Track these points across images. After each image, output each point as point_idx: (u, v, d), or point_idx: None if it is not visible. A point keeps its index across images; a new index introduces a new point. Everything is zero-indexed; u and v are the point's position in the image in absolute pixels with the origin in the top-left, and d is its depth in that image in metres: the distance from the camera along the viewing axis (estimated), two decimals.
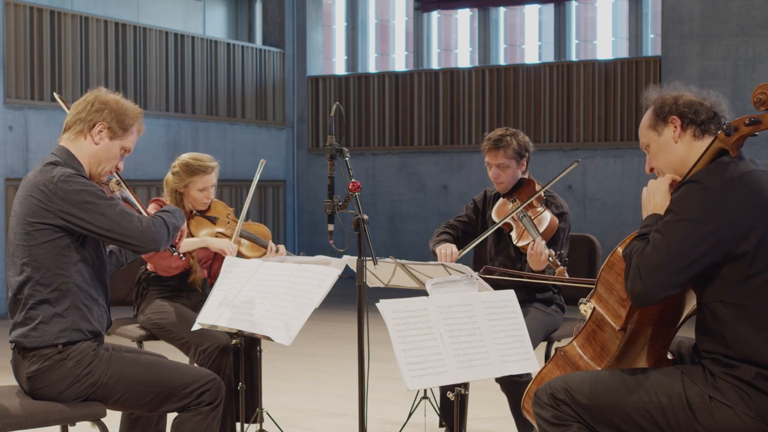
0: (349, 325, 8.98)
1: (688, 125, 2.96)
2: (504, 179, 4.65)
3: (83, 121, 3.41)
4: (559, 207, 4.63)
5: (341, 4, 14.42)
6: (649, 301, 2.80)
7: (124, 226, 3.26)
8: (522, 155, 4.65)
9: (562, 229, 4.57)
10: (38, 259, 3.27)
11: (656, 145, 3.02)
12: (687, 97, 3.01)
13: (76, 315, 3.29)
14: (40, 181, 3.29)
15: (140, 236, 3.29)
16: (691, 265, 2.75)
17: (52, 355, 3.26)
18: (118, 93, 3.55)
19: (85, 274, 3.32)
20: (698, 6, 11.25)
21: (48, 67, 10.34)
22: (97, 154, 3.43)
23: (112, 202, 3.29)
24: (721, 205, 2.74)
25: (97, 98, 3.45)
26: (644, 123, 3.07)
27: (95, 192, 3.27)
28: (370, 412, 3.66)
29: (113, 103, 3.45)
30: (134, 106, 3.53)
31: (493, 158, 4.64)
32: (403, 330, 3.24)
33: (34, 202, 3.28)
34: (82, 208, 3.23)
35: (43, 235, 3.26)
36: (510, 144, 4.61)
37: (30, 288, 3.28)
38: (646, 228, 2.91)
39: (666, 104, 3.01)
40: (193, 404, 3.40)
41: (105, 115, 3.42)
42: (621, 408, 2.83)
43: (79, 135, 3.42)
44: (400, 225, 13.18)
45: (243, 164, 12.62)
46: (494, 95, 12.57)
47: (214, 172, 4.70)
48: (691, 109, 2.96)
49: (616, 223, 11.66)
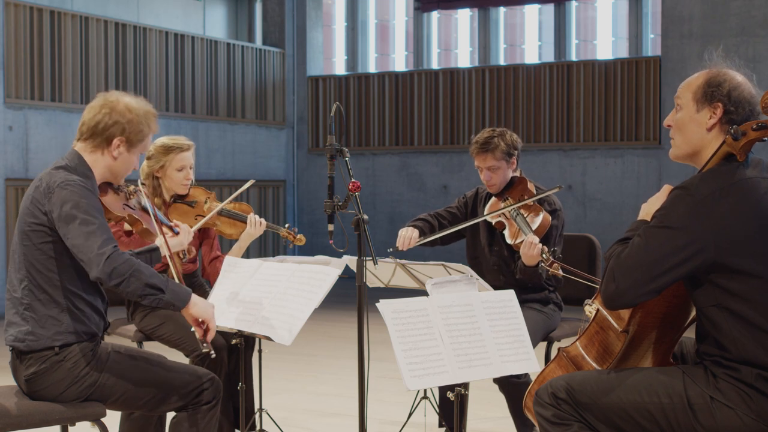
0: (349, 325, 8.98)
1: (726, 122, 2.82)
2: (495, 181, 4.63)
3: (99, 136, 3.37)
4: (551, 204, 4.61)
5: (341, 4, 14.41)
6: (620, 303, 2.79)
7: (84, 244, 3.14)
8: (511, 155, 4.60)
9: (555, 226, 4.55)
10: (32, 261, 3.27)
11: (687, 116, 2.88)
12: (744, 92, 2.83)
13: (70, 318, 3.28)
14: (44, 183, 3.29)
15: (96, 260, 3.10)
16: (668, 273, 2.72)
17: (49, 357, 3.26)
18: (132, 94, 3.50)
19: (78, 279, 3.30)
20: (698, 6, 11.25)
21: (48, 67, 10.34)
22: (115, 168, 3.43)
23: (90, 220, 3.17)
24: (706, 214, 2.70)
25: (113, 110, 3.38)
26: (691, 83, 2.88)
27: (82, 205, 3.20)
28: (370, 412, 3.66)
29: (129, 113, 3.39)
30: (148, 110, 3.47)
31: (483, 161, 4.60)
32: (403, 330, 3.24)
33: (34, 202, 3.28)
34: (63, 218, 3.19)
35: (38, 236, 3.26)
36: (498, 146, 4.56)
37: (25, 288, 3.28)
38: (630, 233, 2.90)
39: (722, 87, 2.82)
40: (192, 404, 3.40)
41: (122, 128, 3.38)
42: (622, 408, 2.83)
43: (96, 149, 3.39)
44: (400, 225, 13.10)
45: (243, 164, 12.61)
46: (494, 95, 12.57)
47: (190, 151, 4.60)
48: (739, 108, 2.81)
49: (616, 223, 11.65)
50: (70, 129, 10.53)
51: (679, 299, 2.91)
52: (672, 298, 2.90)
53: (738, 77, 2.86)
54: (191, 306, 3.28)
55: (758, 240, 2.72)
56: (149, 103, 3.53)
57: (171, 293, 3.21)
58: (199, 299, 3.31)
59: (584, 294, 4.61)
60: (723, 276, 2.73)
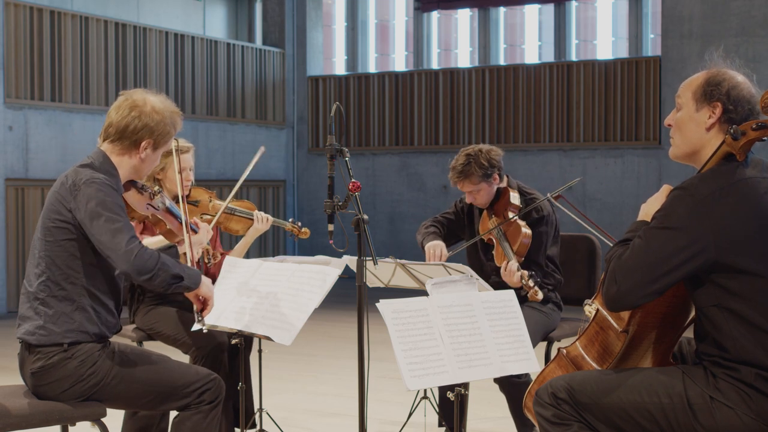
0: (349, 325, 8.98)
1: (726, 121, 2.81)
2: (480, 201, 4.67)
3: (128, 139, 3.42)
4: (539, 211, 4.61)
5: (341, 4, 14.41)
6: (622, 305, 2.79)
7: (111, 240, 3.20)
8: (489, 174, 4.57)
9: (545, 232, 4.57)
10: (53, 257, 3.30)
11: (687, 116, 2.88)
12: (743, 92, 2.82)
13: (83, 317, 3.31)
14: (69, 180, 3.33)
15: (122, 256, 3.18)
16: (669, 274, 2.72)
17: (57, 353, 3.28)
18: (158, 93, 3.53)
19: (97, 278, 3.34)
20: (698, 6, 11.25)
21: (48, 67, 10.34)
22: (141, 167, 3.49)
23: (115, 218, 3.23)
24: (706, 214, 2.70)
25: (141, 113, 3.41)
26: (692, 83, 2.89)
27: (108, 203, 3.25)
28: (370, 412, 3.66)
29: (156, 115, 3.43)
30: (174, 110, 3.52)
31: (462, 187, 4.63)
32: (403, 330, 3.25)
33: (59, 198, 3.32)
34: (88, 215, 3.24)
35: (61, 233, 3.30)
36: (473, 172, 4.54)
37: (42, 283, 3.31)
38: (629, 233, 2.90)
39: (721, 86, 2.82)
40: (194, 403, 3.41)
41: (150, 131, 3.42)
42: (622, 408, 2.83)
43: (123, 152, 3.43)
44: (400, 225, 13.18)
45: (243, 164, 12.55)
46: (494, 95, 12.57)
47: (190, 153, 4.70)
48: (738, 107, 2.81)
49: (616, 223, 11.65)
50: (70, 129, 10.53)
51: (678, 299, 2.91)
52: (672, 298, 2.90)
53: (738, 77, 2.86)
54: (202, 285, 3.42)
55: (758, 240, 2.72)
56: (172, 101, 3.57)
57: (188, 278, 3.35)
58: (206, 280, 3.46)
59: (584, 294, 4.61)
60: (723, 276, 2.73)
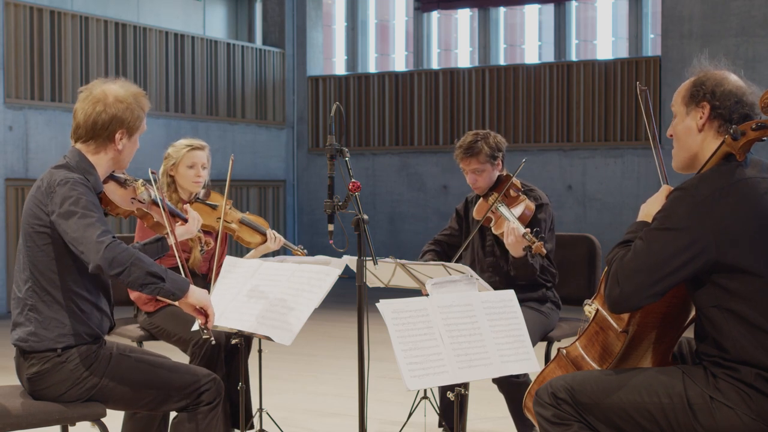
0: (349, 325, 8.98)
1: (716, 118, 2.82)
2: (481, 183, 4.66)
3: (101, 135, 3.36)
4: (538, 198, 4.63)
5: (341, 4, 14.41)
6: (625, 307, 2.80)
7: (82, 235, 3.12)
8: (495, 156, 4.61)
9: (543, 219, 4.56)
10: (35, 263, 3.27)
11: (680, 122, 2.90)
12: (730, 86, 2.83)
13: (74, 320, 3.28)
14: (45, 183, 3.29)
15: (92, 247, 3.09)
16: (672, 275, 2.73)
17: (51, 359, 3.26)
18: (116, 79, 3.46)
19: (83, 279, 3.30)
20: (698, 6, 11.25)
21: (48, 67, 10.34)
22: (120, 157, 3.43)
23: (89, 214, 3.16)
24: (707, 215, 2.70)
25: (106, 105, 3.35)
26: (680, 92, 2.90)
27: (82, 201, 3.19)
28: (370, 412, 3.66)
29: (121, 103, 3.37)
30: (136, 92, 3.44)
31: (467, 165, 4.64)
32: (403, 330, 3.24)
33: (36, 203, 3.28)
34: (62, 215, 3.18)
35: (41, 238, 3.26)
36: (482, 150, 4.58)
37: (29, 289, 3.29)
38: (630, 234, 2.90)
39: (705, 85, 2.83)
40: (193, 404, 3.40)
41: (120, 121, 3.36)
42: (622, 408, 2.83)
43: (99, 149, 3.38)
44: (400, 225, 13.18)
45: (243, 164, 12.61)
46: (494, 95, 12.57)
47: (203, 151, 4.77)
48: (726, 103, 2.81)
49: (616, 223, 11.65)
50: (69, 129, 10.51)
51: (678, 299, 2.91)
52: (672, 299, 2.90)
53: (722, 73, 2.87)
54: (189, 295, 3.27)
55: (758, 240, 2.72)
56: (131, 83, 3.49)
57: (171, 282, 3.20)
58: (196, 288, 3.30)
59: (584, 294, 4.61)
60: (724, 276, 2.73)
